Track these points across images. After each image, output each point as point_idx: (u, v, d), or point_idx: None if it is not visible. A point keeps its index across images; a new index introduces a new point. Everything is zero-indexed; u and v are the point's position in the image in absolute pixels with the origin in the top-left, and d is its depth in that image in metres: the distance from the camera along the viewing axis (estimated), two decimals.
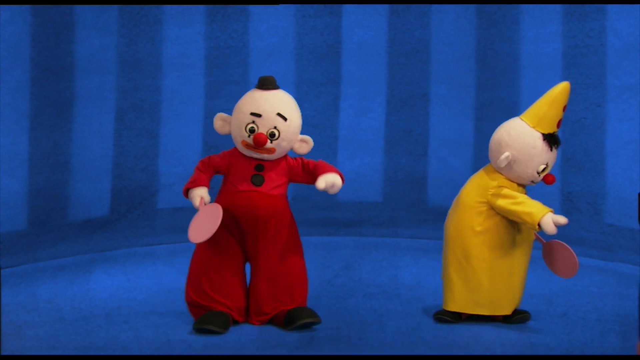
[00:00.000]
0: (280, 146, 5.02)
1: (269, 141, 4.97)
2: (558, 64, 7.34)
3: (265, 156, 5.03)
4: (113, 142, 7.45)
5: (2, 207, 6.85)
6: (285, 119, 5.01)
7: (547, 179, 5.10)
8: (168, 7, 7.47)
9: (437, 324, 5.18)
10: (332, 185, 5.06)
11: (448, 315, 5.21)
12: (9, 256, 6.53)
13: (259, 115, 4.97)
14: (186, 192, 5.08)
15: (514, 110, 7.45)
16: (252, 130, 4.97)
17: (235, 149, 5.09)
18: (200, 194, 5.01)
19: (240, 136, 5.00)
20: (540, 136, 5.07)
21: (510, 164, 5.09)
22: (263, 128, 4.97)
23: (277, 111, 5.01)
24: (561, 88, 5.10)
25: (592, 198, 7.19)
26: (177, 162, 7.37)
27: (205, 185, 5.03)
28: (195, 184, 5.04)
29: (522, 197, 5.04)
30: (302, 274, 5.18)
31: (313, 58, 7.65)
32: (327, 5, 7.60)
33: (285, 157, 5.14)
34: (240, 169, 5.05)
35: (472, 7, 7.52)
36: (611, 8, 7.19)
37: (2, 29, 6.90)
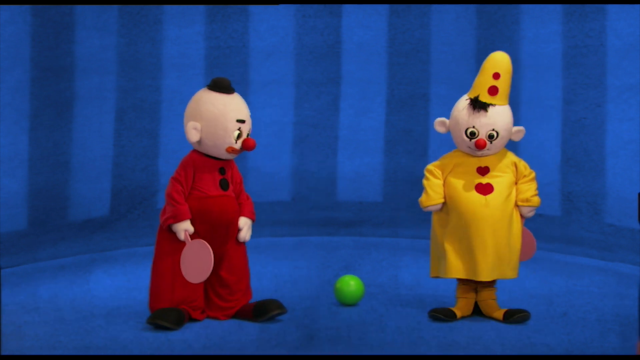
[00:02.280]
0: None
1: None
2: (558, 64, 7.34)
3: (232, 156, 5.16)
4: (113, 142, 7.46)
5: (2, 207, 6.85)
6: (250, 118, 5.20)
7: (477, 143, 5.18)
8: (168, 7, 7.47)
9: (433, 322, 5.19)
10: (247, 231, 5.28)
11: (441, 312, 5.22)
12: (9, 256, 6.53)
13: (243, 121, 5.12)
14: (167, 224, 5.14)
15: (514, 110, 7.45)
16: (238, 136, 5.10)
17: (194, 155, 5.18)
18: (184, 228, 5.08)
19: (227, 143, 5.10)
20: (467, 100, 5.25)
21: (452, 132, 5.30)
22: (245, 132, 5.13)
23: (249, 113, 5.19)
24: (490, 56, 5.30)
25: (592, 198, 7.20)
26: (177, 162, 7.34)
27: (189, 218, 5.09)
28: (177, 218, 5.08)
29: (431, 174, 5.31)
30: (248, 269, 5.37)
31: (313, 58, 7.65)
32: (327, 5, 7.61)
33: (234, 162, 5.28)
34: (206, 174, 5.15)
35: (472, 7, 7.53)
36: (611, 8, 7.19)
37: (2, 29, 6.90)
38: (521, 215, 5.28)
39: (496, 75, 5.23)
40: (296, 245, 6.97)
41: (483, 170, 5.24)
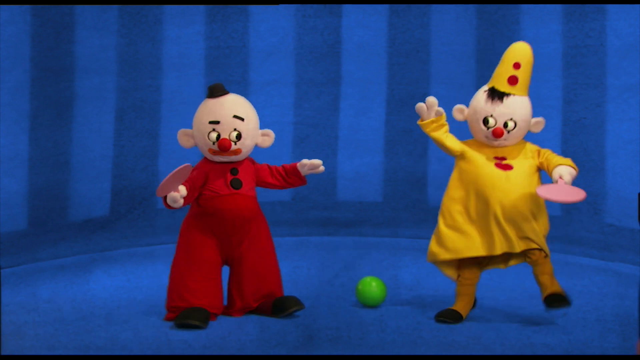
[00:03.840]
0: (244, 145, 5.23)
1: (233, 144, 5.17)
2: (558, 64, 7.34)
3: (234, 158, 5.22)
4: (113, 142, 7.46)
5: (2, 207, 6.85)
6: (242, 119, 5.21)
7: (494, 132, 5.17)
8: (168, 7, 7.47)
9: (437, 324, 5.19)
10: (312, 161, 5.32)
11: (448, 316, 5.21)
12: (9, 256, 6.53)
13: (217, 122, 5.18)
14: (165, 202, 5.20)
15: None
16: (217, 138, 5.16)
17: (206, 159, 5.29)
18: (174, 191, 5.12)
19: (206, 145, 5.21)
20: (485, 90, 5.25)
21: (469, 122, 5.29)
22: (225, 133, 5.17)
23: (233, 114, 5.21)
24: (511, 46, 5.30)
25: (592, 198, 7.19)
26: (177, 162, 7.33)
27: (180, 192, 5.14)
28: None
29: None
30: (277, 266, 5.42)
31: (313, 58, 7.65)
32: (327, 5, 7.61)
33: (252, 160, 5.34)
34: (218, 175, 5.23)
35: (472, 7, 7.52)
36: (611, 8, 7.19)
37: (2, 29, 6.90)
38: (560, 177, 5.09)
39: (517, 65, 5.22)
40: (296, 245, 6.97)
41: (499, 160, 5.22)
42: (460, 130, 5.44)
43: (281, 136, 7.68)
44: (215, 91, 5.23)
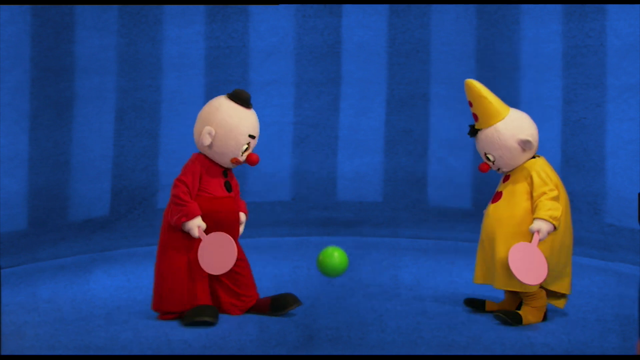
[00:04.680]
0: None
1: None
2: (558, 64, 7.34)
3: (232, 166, 5.30)
4: (113, 142, 7.46)
5: (2, 207, 6.85)
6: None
7: (479, 168, 5.32)
8: (168, 7, 7.47)
9: (437, 324, 5.18)
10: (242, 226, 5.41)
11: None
12: (9, 256, 6.53)
13: (253, 137, 5.25)
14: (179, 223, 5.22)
15: None
16: (244, 150, 5.23)
17: (199, 157, 5.27)
18: (197, 224, 5.16)
19: (233, 154, 5.22)
20: None
21: None
22: (252, 147, 5.27)
23: (258, 131, 5.31)
24: None
25: (592, 198, 7.19)
26: (177, 162, 7.35)
27: (199, 214, 5.17)
28: (189, 216, 5.15)
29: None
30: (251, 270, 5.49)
31: (313, 58, 7.65)
32: (327, 5, 7.61)
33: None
34: (212, 177, 5.26)
35: (472, 7, 7.53)
36: (611, 8, 7.19)
37: (2, 29, 6.90)
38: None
39: (469, 104, 5.31)
40: (296, 245, 6.97)
41: (505, 178, 5.29)
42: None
43: (281, 136, 7.70)
44: (249, 102, 5.25)
